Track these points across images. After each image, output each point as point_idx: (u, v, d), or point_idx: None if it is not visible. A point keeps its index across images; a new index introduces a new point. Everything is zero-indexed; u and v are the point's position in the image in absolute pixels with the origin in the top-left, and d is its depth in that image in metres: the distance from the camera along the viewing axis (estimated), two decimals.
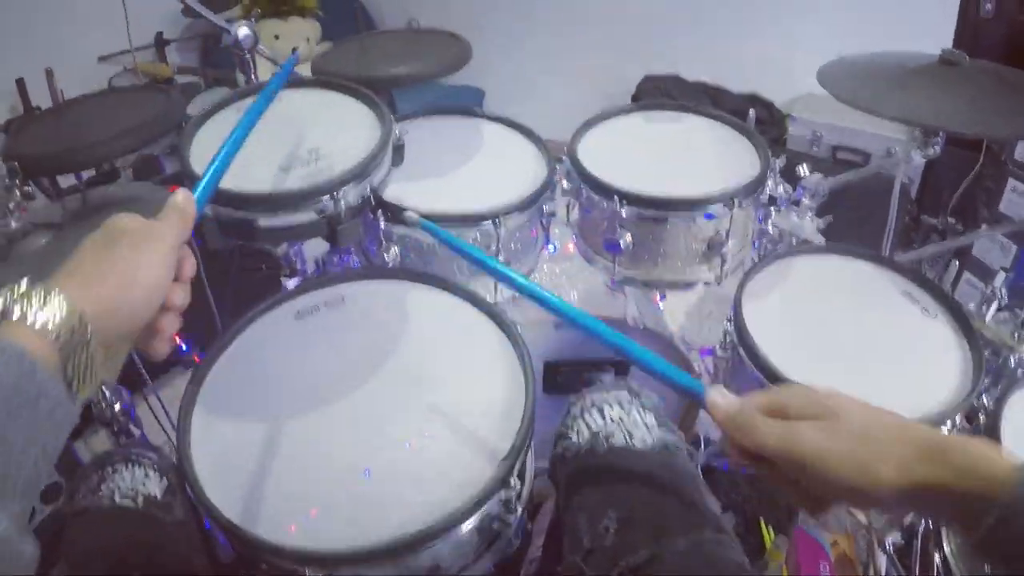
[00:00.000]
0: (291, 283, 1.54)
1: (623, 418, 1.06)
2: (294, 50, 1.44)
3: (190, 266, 0.76)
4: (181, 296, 0.74)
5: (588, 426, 1.06)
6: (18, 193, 1.24)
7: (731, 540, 0.93)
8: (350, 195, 1.12)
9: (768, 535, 1.78)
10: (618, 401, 1.09)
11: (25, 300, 0.61)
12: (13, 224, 1.19)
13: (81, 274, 0.65)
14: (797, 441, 0.71)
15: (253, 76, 1.55)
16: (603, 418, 1.06)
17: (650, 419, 1.07)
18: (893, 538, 1.53)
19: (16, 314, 0.60)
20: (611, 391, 1.12)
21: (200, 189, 0.83)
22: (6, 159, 1.30)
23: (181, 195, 0.76)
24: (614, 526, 0.93)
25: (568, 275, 1.69)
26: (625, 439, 1.03)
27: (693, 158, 1.60)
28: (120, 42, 3.35)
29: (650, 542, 0.90)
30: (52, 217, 1.30)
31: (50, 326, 0.60)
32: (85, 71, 3.31)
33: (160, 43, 3.49)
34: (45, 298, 0.61)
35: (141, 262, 0.68)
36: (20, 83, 3.12)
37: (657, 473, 1.00)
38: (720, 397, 0.79)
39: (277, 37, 3.48)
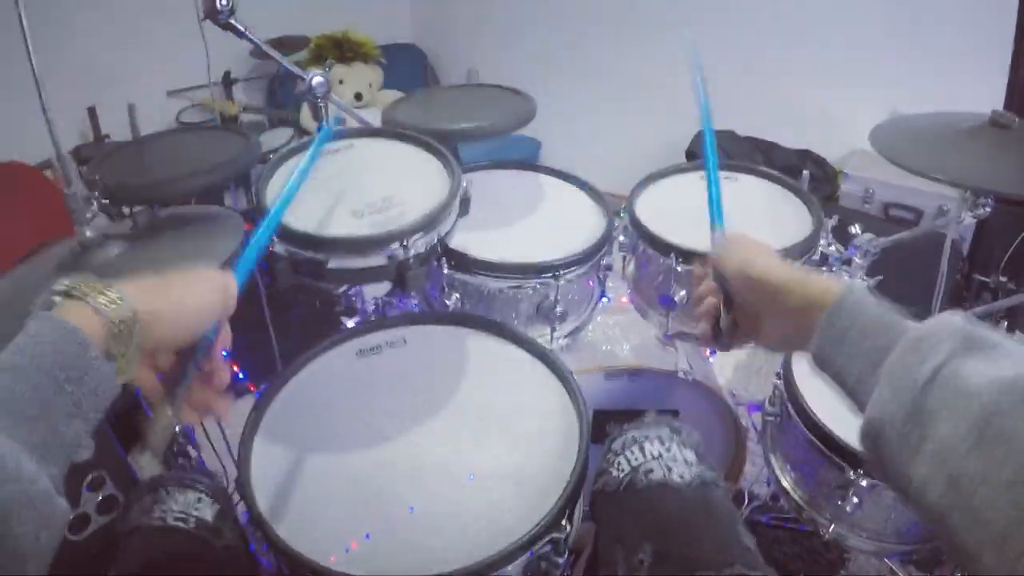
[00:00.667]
0: (350, 322, 1.59)
1: (663, 454, 1.08)
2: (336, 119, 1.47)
3: (225, 336, 0.81)
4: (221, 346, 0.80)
5: (628, 461, 1.09)
6: (95, 204, 1.29)
7: (764, 573, 0.94)
8: (419, 243, 1.16)
9: None
10: (659, 437, 1.11)
11: (88, 287, 0.67)
12: (88, 233, 1.24)
13: (142, 284, 0.72)
14: (739, 263, 0.90)
15: (325, 122, 1.61)
16: (643, 454, 1.09)
17: (690, 455, 1.09)
18: None
19: (79, 295, 0.66)
20: (652, 428, 1.14)
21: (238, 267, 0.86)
22: (88, 183, 1.37)
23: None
24: (649, 559, 0.96)
25: (621, 327, 1.71)
26: (664, 474, 1.05)
27: (747, 217, 1.62)
28: (188, 78, 3.48)
29: (684, 574, 0.92)
30: (123, 230, 1.36)
31: (105, 310, 0.66)
32: (154, 104, 3.42)
33: (228, 81, 3.60)
34: (104, 290, 0.67)
35: (193, 291, 0.76)
36: (92, 111, 3.24)
37: (693, 508, 1.02)
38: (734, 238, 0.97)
39: (341, 82, 3.58)
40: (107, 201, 1.37)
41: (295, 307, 2.09)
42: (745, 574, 0.93)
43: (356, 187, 1.28)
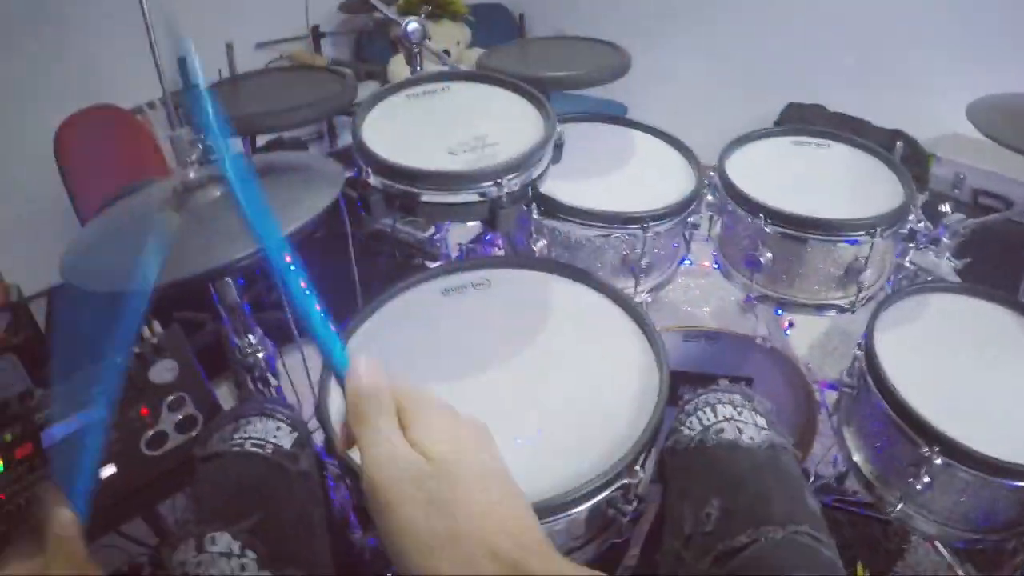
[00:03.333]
0: (436, 265, 1.61)
1: (735, 416, 1.08)
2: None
3: None
4: None
5: (700, 421, 1.09)
6: (200, 147, 1.32)
7: (828, 539, 0.93)
8: (513, 182, 1.17)
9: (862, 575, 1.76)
10: (731, 401, 1.11)
11: None
12: (191, 175, 1.27)
13: None
14: (383, 481, 0.55)
15: (419, 68, 1.62)
16: (715, 415, 1.09)
17: (761, 420, 1.09)
18: None
19: None
20: (724, 392, 1.14)
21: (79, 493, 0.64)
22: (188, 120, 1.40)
23: (65, 520, 0.60)
24: (716, 513, 0.95)
25: (702, 290, 1.71)
26: (735, 435, 1.05)
27: (838, 184, 1.60)
28: (278, 31, 3.54)
29: (749, 530, 0.91)
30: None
31: None
32: (243, 56, 3.48)
33: (316, 35, 3.65)
34: None
35: None
36: (182, 60, 3.30)
37: (763, 468, 1.01)
38: (365, 369, 0.63)
39: (429, 38, 3.59)
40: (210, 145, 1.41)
41: (380, 255, 2.12)
42: (811, 534, 0.92)
43: (451, 126, 1.30)
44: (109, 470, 1.28)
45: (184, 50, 0.76)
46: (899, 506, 1.33)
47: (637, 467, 0.97)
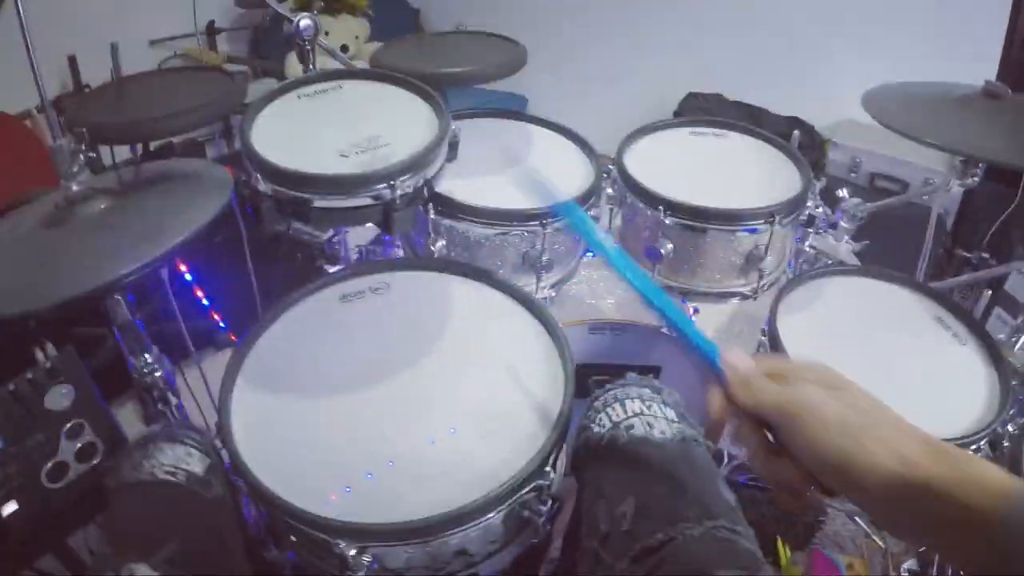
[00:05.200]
0: (333, 270, 1.58)
1: (644, 411, 1.07)
2: None
3: None
4: None
5: (609, 417, 1.07)
6: (82, 158, 1.27)
7: (745, 530, 0.93)
8: (406, 183, 1.15)
9: (784, 553, 1.79)
10: (639, 396, 1.10)
11: None
12: (74, 187, 1.22)
13: None
14: (798, 395, 0.70)
15: (312, 66, 1.58)
16: (624, 410, 1.07)
17: (671, 413, 1.08)
18: (909, 564, 1.53)
19: None
20: (632, 386, 1.13)
21: None
22: (72, 127, 1.35)
23: None
24: (631, 511, 0.94)
25: (605, 281, 1.71)
26: (645, 430, 1.04)
27: (736, 174, 1.62)
28: (171, 27, 3.43)
29: (666, 527, 0.91)
30: (111, 184, 1.34)
31: None
32: (135, 54, 3.36)
33: (212, 31, 3.55)
34: None
35: None
36: (72, 60, 3.18)
37: (675, 463, 1.00)
38: (737, 359, 0.77)
39: (327, 33, 3.53)
40: (93, 154, 1.35)
41: (277, 259, 2.07)
42: (728, 527, 0.92)
43: (343, 127, 1.27)
44: (10, 507, 1.22)
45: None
46: (808, 488, 1.35)
47: (548, 468, 0.96)
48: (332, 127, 1.27)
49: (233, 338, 1.89)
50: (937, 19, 2.81)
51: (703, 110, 3.31)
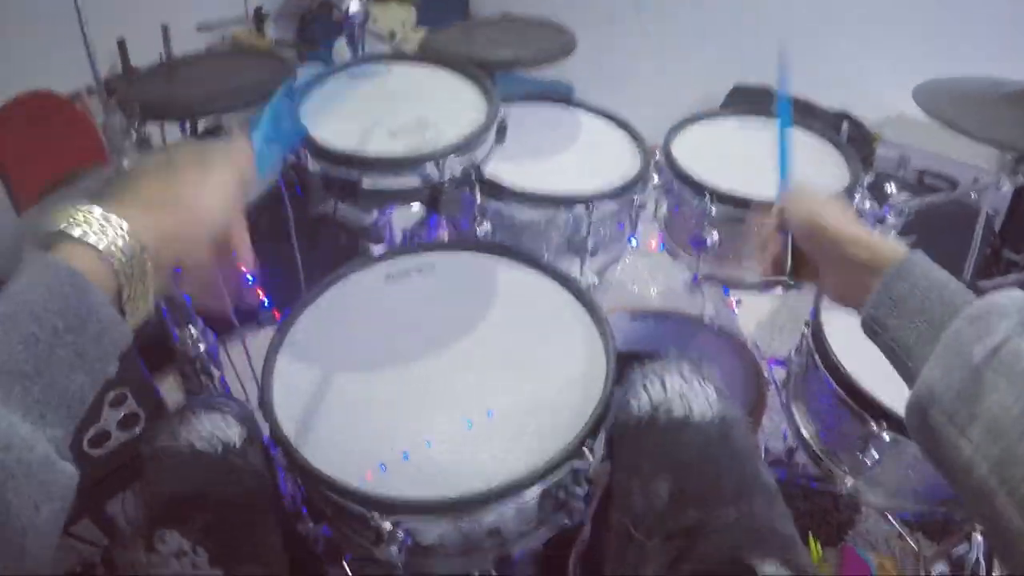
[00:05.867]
0: (377, 250, 1.59)
1: (683, 389, 1.06)
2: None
3: (241, 239, 0.76)
4: (241, 240, 0.76)
5: (649, 397, 1.06)
6: (134, 135, 1.29)
7: (783, 511, 0.93)
8: (454, 165, 1.16)
9: (816, 549, 1.77)
10: (679, 372, 1.09)
11: (86, 222, 0.61)
12: (125, 163, 1.24)
13: (142, 201, 0.66)
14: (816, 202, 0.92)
15: (361, 49, 1.59)
16: (664, 389, 1.06)
17: (711, 392, 1.07)
18: (940, 568, 1.52)
19: (76, 234, 0.60)
20: (673, 363, 1.12)
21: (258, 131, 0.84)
22: (123, 105, 1.36)
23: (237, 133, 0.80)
24: (666, 492, 0.94)
25: (650, 270, 1.71)
26: (685, 411, 1.03)
27: None
28: (220, 12, 3.46)
29: (701, 510, 0.91)
30: None
31: (110, 250, 0.60)
32: (183, 38, 3.39)
33: (259, 16, 3.58)
34: (106, 222, 0.61)
35: (202, 193, 0.70)
36: (121, 44, 3.22)
37: (714, 444, 1.00)
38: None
39: (375, 20, 3.54)
40: (144, 131, 1.37)
41: (323, 241, 2.09)
42: (765, 509, 0.91)
43: (393, 109, 1.28)
44: None
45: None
46: (848, 480, 1.34)
47: (586, 450, 0.96)
48: (381, 109, 1.28)
49: (277, 315, 1.91)
50: (989, 15, 2.76)
51: (750, 103, 3.27)
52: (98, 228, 0.61)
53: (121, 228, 0.62)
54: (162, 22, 2.83)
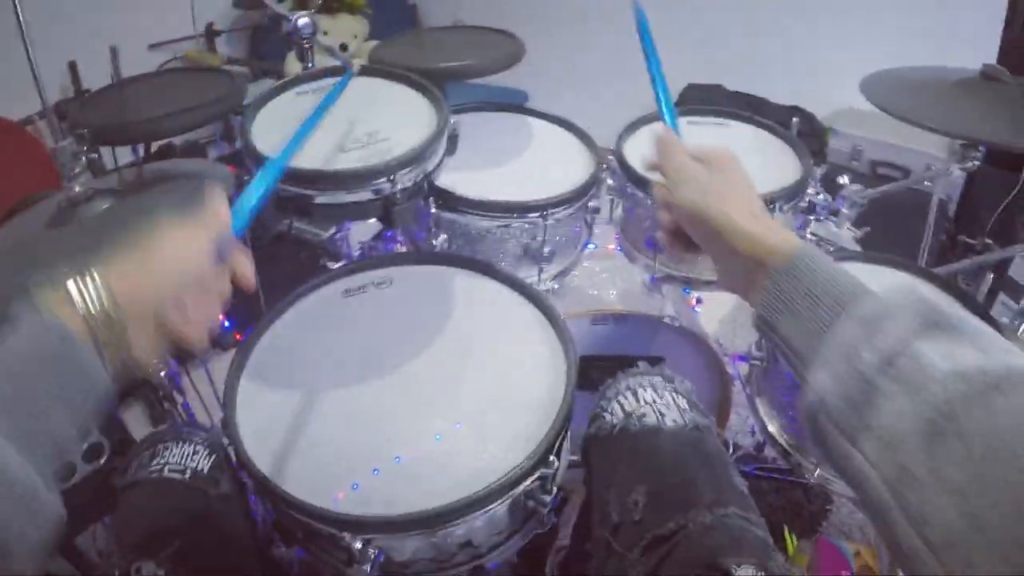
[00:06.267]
0: (336, 266, 1.58)
1: (656, 400, 1.08)
2: (347, 67, 1.43)
3: (242, 264, 0.79)
4: (221, 284, 0.77)
5: (622, 407, 1.09)
6: (84, 160, 1.27)
7: (756, 518, 0.95)
8: (406, 178, 1.15)
9: (791, 541, 1.79)
10: (651, 384, 1.11)
11: (62, 283, 0.64)
12: (77, 188, 1.22)
13: (122, 260, 0.68)
14: (685, 167, 0.87)
15: (311, 64, 1.58)
16: (636, 400, 1.09)
17: (682, 402, 1.09)
18: None
19: (51, 289, 0.64)
20: (645, 375, 1.14)
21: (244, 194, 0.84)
22: (74, 129, 1.35)
23: (216, 192, 0.79)
24: (643, 500, 0.96)
25: (608, 272, 1.71)
26: (657, 419, 1.05)
27: None
28: (171, 31, 3.43)
29: (677, 516, 0.92)
30: (110, 184, 1.35)
31: (81, 299, 0.63)
32: (135, 58, 3.36)
33: (211, 33, 3.55)
34: (81, 278, 0.64)
35: (170, 248, 0.71)
36: (72, 65, 3.19)
37: (687, 451, 1.02)
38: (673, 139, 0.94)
39: (326, 33, 3.53)
40: (96, 155, 1.35)
41: (281, 259, 2.07)
42: (739, 514, 0.93)
43: (343, 124, 1.27)
44: None
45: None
46: (816, 471, 1.36)
47: (552, 457, 0.96)
48: (331, 123, 1.27)
49: (238, 337, 1.89)
50: (936, 3, 2.81)
51: (703, 101, 3.31)
52: (72, 282, 0.64)
53: (93, 281, 0.65)
54: (113, 43, 2.80)
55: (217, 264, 0.75)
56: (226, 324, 1.89)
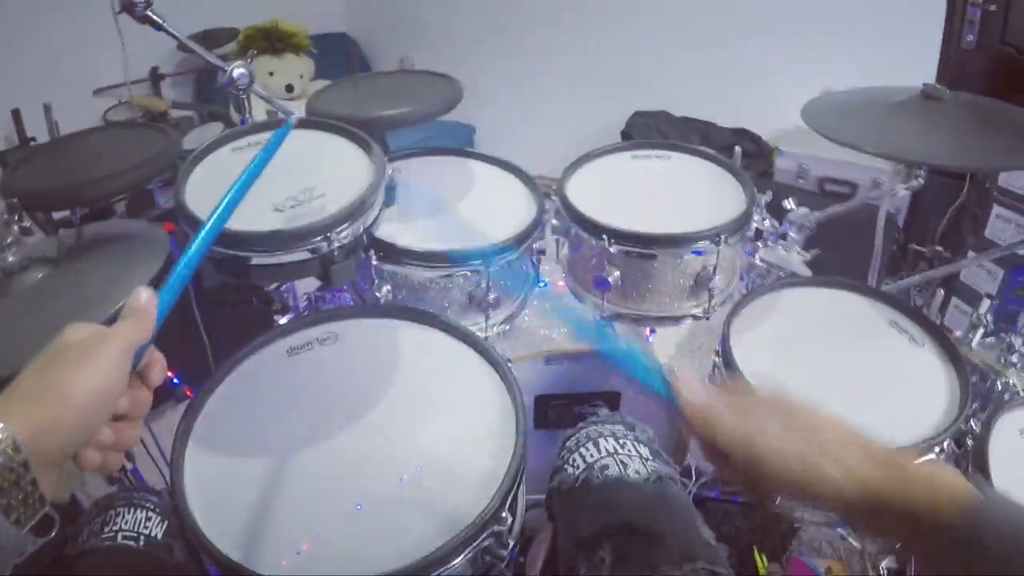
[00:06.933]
0: (283, 320, 1.56)
1: (617, 449, 1.08)
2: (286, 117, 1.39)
3: (158, 371, 0.72)
4: (140, 404, 0.70)
5: (583, 458, 1.08)
6: (16, 228, 1.25)
7: (724, 569, 0.94)
8: (343, 235, 1.14)
9: (762, 563, 1.78)
10: (612, 434, 1.11)
11: None
12: (10, 258, 1.20)
13: (18, 396, 0.62)
14: (752, 431, 0.75)
15: (248, 115, 1.57)
16: (598, 450, 1.08)
17: (644, 451, 1.09)
18: (887, 563, 1.53)
19: None
20: (606, 424, 1.13)
21: (164, 289, 0.75)
22: (5, 195, 1.32)
23: (143, 296, 0.71)
24: (610, 557, 0.95)
25: (556, 311, 1.70)
26: (619, 470, 1.04)
27: (680, 195, 1.62)
28: (115, 75, 3.40)
29: (645, 572, 0.91)
30: (48, 252, 1.32)
31: None
32: (80, 103, 3.33)
33: (156, 77, 3.53)
34: None
35: (78, 377, 0.63)
36: (16, 113, 3.14)
37: (651, 504, 1.01)
38: (691, 395, 0.83)
39: (271, 73, 3.52)
40: (28, 224, 1.33)
41: (226, 306, 2.05)
42: (709, 569, 0.92)
43: (278, 180, 1.24)
44: None
45: None
46: (778, 499, 1.35)
47: (504, 513, 0.95)
48: (266, 180, 1.24)
49: (188, 393, 1.87)
50: (876, 21, 2.85)
51: (650, 127, 3.33)
52: None
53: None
54: (56, 89, 2.77)
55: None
56: (175, 380, 1.86)
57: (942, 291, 1.82)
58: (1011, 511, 0.62)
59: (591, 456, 1.08)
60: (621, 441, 1.10)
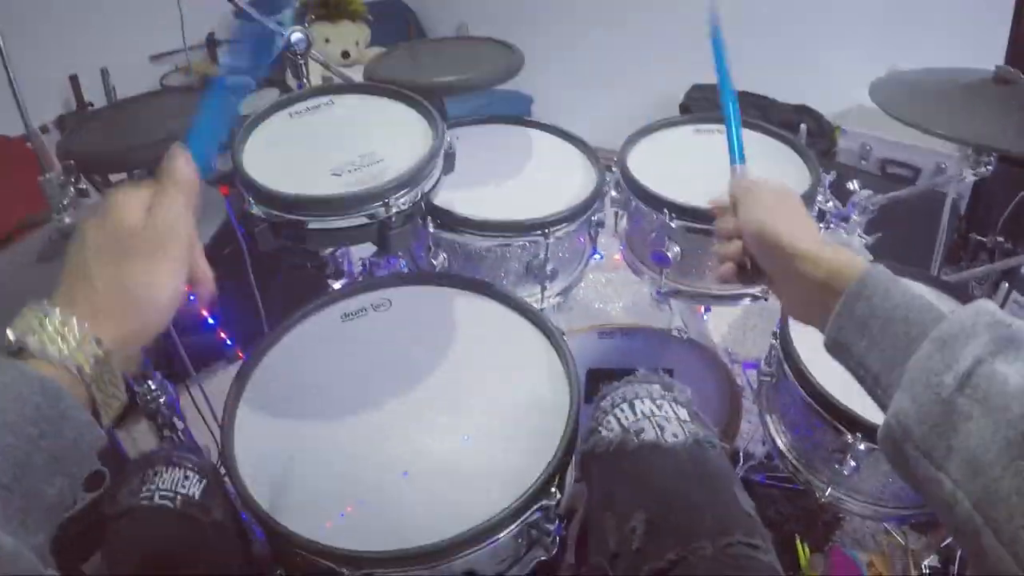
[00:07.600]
0: (337, 285, 1.56)
1: (654, 412, 1.04)
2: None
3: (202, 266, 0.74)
4: (201, 271, 0.74)
5: (619, 421, 1.05)
6: (72, 190, 1.26)
7: (763, 543, 0.91)
8: (401, 201, 1.12)
9: (804, 553, 1.76)
10: (649, 395, 1.07)
11: (44, 333, 0.61)
12: (67, 220, 1.21)
13: (95, 302, 0.64)
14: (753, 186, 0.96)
15: (306, 80, 1.56)
16: (634, 412, 1.05)
17: (683, 413, 1.05)
18: (930, 560, 1.50)
19: (36, 347, 0.60)
20: (642, 384, 1.10)
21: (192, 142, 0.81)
22: (62, 157, 1.33)
23: (181, 161, 0.75)
24: (642, 528, 0.92)
25: (614, 285, 1.68)
26: (656, 434, 1.01)
27: None
28: (172, 42, 3.41)
29: (677, 547, 0.88)
30: None
31: (74, 359, 0.60)
32: (137, 69, 3.36)
33: (212, 43, 3.54)
34: (64, 330, 0.61)
35: (154, 283, 0.67)
36: (73, 79, 3.18)
37: (688, 471, 0.98)
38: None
39: (327, 40, 3.51)
40: (84, 186, 1.33)
41: (280, 271, 2.06)
42: (746, 542, 0.89)
43: (336, 145, 1.24)
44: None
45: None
46: (828, 490, 1.32)
47: (553, 488, 0.94)
48: (324, 145, 1.24)
49: (240, 355, 1.88)
50: (948, 3, 2.76)
51: (709, 101, 3.26)
52: (59, 340, 0.61)
53: (80, 336, 0.61)
54: (113, 55, 2.79)
55: None
56: (228, 342, 1.88)
57: (1006, 284, 1.77)
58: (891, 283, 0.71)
59: (626, 419, 1.04)
60: (658, 403, 1.06)
